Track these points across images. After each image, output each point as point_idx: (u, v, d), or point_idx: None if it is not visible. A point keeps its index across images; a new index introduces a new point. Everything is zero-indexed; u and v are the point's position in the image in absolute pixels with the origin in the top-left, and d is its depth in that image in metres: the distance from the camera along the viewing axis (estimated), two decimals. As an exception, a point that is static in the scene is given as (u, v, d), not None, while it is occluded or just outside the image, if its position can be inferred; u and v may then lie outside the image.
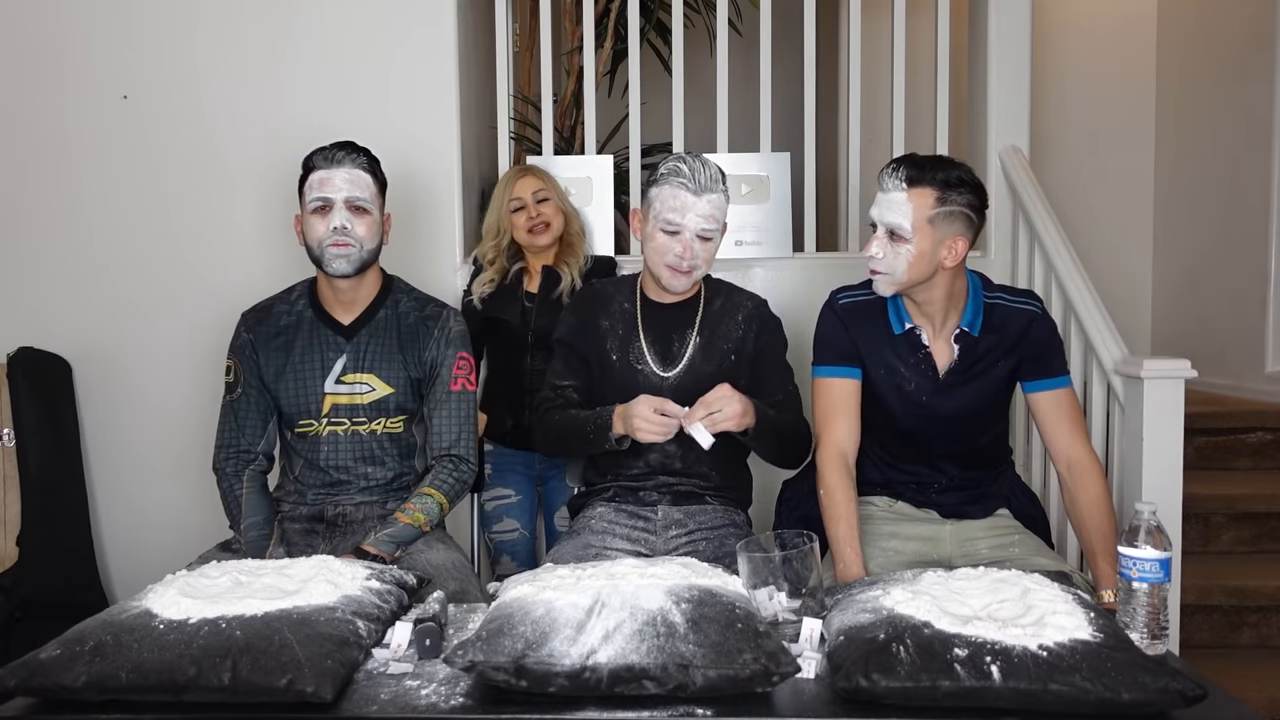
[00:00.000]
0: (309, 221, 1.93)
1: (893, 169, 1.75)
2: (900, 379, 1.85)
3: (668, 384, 1.93)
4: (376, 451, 1.99)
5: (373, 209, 1.95)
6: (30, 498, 2.71)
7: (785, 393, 1.96)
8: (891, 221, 1.73)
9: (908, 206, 1.72)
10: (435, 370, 2.01)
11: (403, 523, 1.86)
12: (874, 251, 1.76)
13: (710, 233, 1.87)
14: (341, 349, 1.98)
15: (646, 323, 1.96)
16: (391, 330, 2.00)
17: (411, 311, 2.03)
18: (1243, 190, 3.64)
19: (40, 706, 1.25)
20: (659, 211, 1.86)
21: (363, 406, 1.97)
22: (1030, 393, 1.87)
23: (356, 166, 1.93)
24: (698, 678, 1.18)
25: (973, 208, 1.75)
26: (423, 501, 1.90)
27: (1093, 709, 1.16)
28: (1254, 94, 3.56)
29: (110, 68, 2.87)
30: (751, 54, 3.08)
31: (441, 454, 1.98)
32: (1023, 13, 2.96)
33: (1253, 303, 3.55)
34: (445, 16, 2.88)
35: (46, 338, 2.86)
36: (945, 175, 1.73)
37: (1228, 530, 2.93)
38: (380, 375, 1.98)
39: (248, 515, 1.93)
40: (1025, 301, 1.87)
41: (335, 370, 1.97)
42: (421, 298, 2.07)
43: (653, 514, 1.97)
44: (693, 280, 1.91)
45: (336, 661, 1.25)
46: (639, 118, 3.05)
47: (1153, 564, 1.32)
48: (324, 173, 1.92)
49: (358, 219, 1.92)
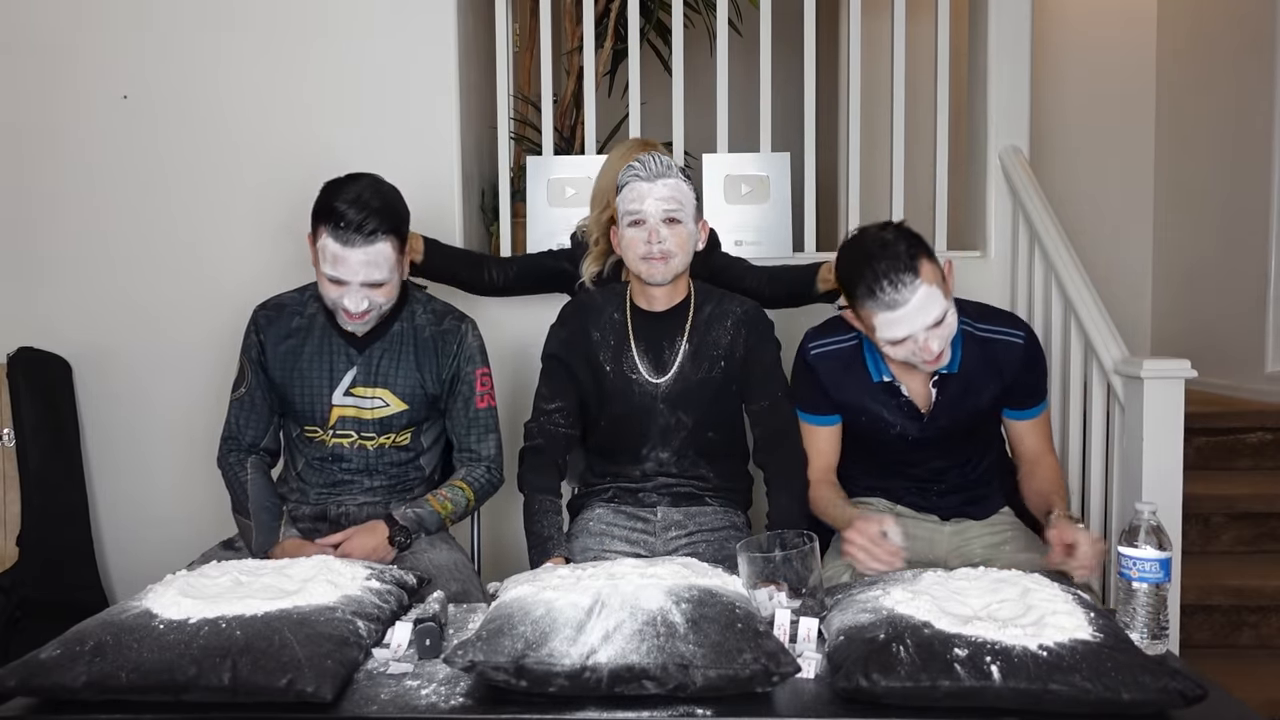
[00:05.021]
0: (322, 281, 1.83)
1: (886, 282, 1.63)
2: (884, 424, 1.85)
3: (661, 392, 1.93)
4: (381, 463, 1.98)
5: (392, 278, 1.83)
6: (30, 498, 2.71)
7: (772, 399, 1.93)
8: (933, 317, 1.65)
9: (932, 289, 1.65)
10: (455, 386, 1.98)
11: (431, 506, 1.89)
12: (937, 350, 1.68)
13: (674, 214, 1.85)
14: (353, 361, 1.93)
15: (637, 332, 1.96)
16: (408, 344, 1.95)
17: (428, 325, 1.97)
18: (1243, 190, 3.64)
19: (40, 706, 1.25)
20: (622, 209, 1.88)
21: (372, 421, 1.94)
22: (1010, 419, 1.90)
23: (376, 243, 1.77)
24: (698, 678, 1.18)
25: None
26: (453, 492, 1.93)
27: (1092, 709, 1.16)
28: (1254, 94, 3.56)
29: (112, 68, 2.87)
30: (751, 54, 3.08)
31: (475, 462, 2.00)
32: (1023, 13, 2.96)
33: (1252, 303, 3.55)
34: (445, 17, 2.88)
35: (46, 338, 2.86)
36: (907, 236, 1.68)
37: (1228, 530, 2.93)
38: (394, 390, 1.93)
39: (255, 499, 1.91)
40: (1008, 331, 1.82)
41: (344, 382, 1.93)
42: (439, 309, 2.00)
43: (652, 515, 1.97)
44: (671, 270, 1.87)
45: (336, 661, 1.25)
46: (639, 118, 3.05)
47: (1153, 564, 1.32)
48: (337, 248, 1.76)
49: (376, 292, 1.82)
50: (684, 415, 1.93)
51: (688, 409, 1.93)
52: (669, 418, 1.93)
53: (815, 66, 3.06)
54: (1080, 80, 4.38)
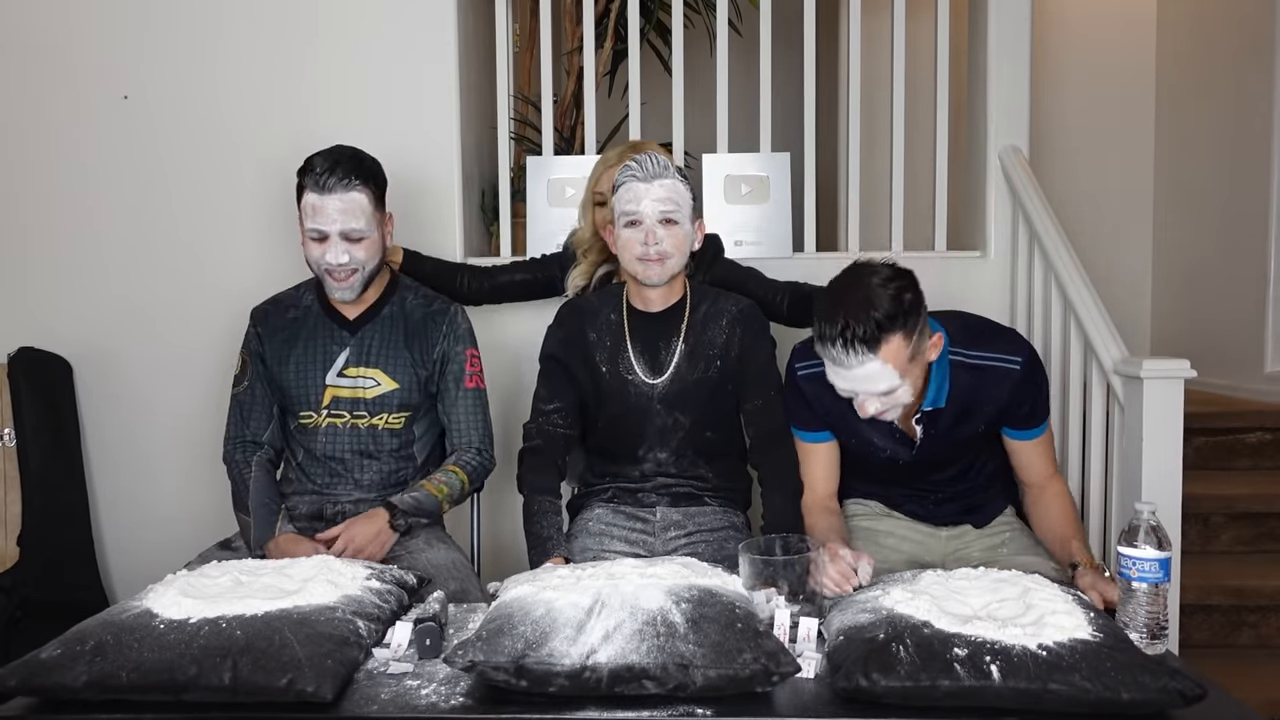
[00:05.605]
0: (307, 244, 1.93)
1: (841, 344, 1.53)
2: (875, 448, 1.81)
3: (657, 392, 1.93)
4: (373, 447, 2.00)
5: (371, 232, 1.92)
6: (30, 498, 2.71)
7: (766, 399, 1.92)
8: (879, 389, 1.58)
9: (886, 368, 1.55)
10: (444, 365, 2.03)
11: (428, 490, 1.93)
12: (871, 412, 1.62)
13: (670, 215, 1.84)
14: (345, 343, 2.00)
15: (633, 333, 1.95)
16: (398, 325, 2.02)
17: (418, 308, 2.04)
18: (1242, 190, 3.64)
19: (40, 706, 1.25)
20: (619, 209, 1.88)
21: (365, 401, 1.99)
22: (1009, 437, 1.83)
23: (350, 190, 1.87)
24: (698, 677, 1.19)
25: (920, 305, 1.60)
26: (446, 476, 1.97)
27: (1092, 709, 1.16)
28: (1253, 94, 3.56)
29: (112, 68, 2.86)
30: (751, 54, 3.08)
31: (465, 446, 2.04)
32: (1023, 13, 2.95)
33: (1252, 303, 3.55)
34: (446, 17, 2.88)
35: (47, 338, 2.86)
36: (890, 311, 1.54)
37: (1227, 530, 2.93)
38: (386, 370, 2.00)
39: (255, 495, 1.94)
40: (1003, 358, 1.72)
41: (338, 363, 1.99)
42: (428, 294, 2.09)
43: (651, 515, 1.97)
44: (667, 271, 1.87)
45: (337, 661, 1.25)
46: (639, 118, 3.05)
47: (1152, 564, 1.33)
48: (315, 198, 1.88)
49: (356, 246, 1.91)
50: (681, 415, 1.93)
51: (685, 409, 1.93)
52: (666, 418, 1.93)
53: (815, 66, 3.05)
54: (1080, 81, 4.38)
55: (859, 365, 1.55)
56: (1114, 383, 2.36)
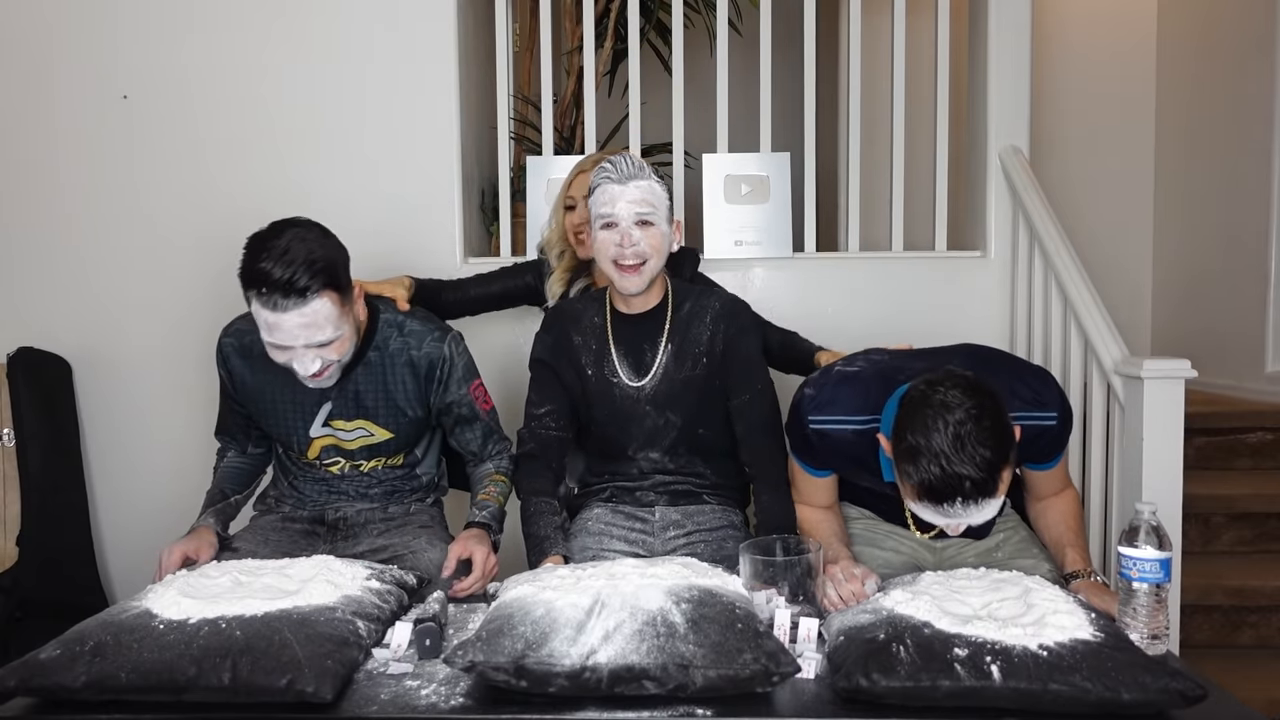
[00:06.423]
0: (268, 348, 1.67)
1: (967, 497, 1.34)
2: (888, 501, 1.75)
3: (644, 394, 1.92)
4: (374, 488, 1.97)
5: (341, 329, 1.66)
6: (30, 498, 2.71)
7: (752, 393, 1.91)
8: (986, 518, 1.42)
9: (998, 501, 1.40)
10: (449, 409, 1.92)
11: (494, 503, 1.90)
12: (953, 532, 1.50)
13: (646, 217, 1.83)
14: (326, 396, 1.82)
15: (617, 335, 1.95)
16: (384, 374, 1.85)
17: (404, 350, 1.84)
18: (1243, 190, 3.64)
19: (40, 706, 1.25)
20: (595, 211, 1.86)
21: (358, 450, 1.91)
22: (1028, 469, 1.78)
23: (310, 302, 1.58)
24: (698, 678, 1.18)
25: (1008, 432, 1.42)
26: (497, 486, 1.94)
27: (1093, 709, 1.16)
28: (1254, 93, 3.56)
29: (110, 68, 2.87)
30: (751, 54, 3.08)
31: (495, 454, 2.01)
32: (1023, 12, 2.95)
33: (1253, 303, 3.54)
34: (445, 16, 2.88)
35: (46, 338, 2.86)
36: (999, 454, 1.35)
37: (1228, 530, 2.93)
38: (376, 421, 1.87)
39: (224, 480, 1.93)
40: (1038, 415, 1.60)
41: (320, 416, 1.85)
42: (416, 331, 1.86)
43: (650, 515, 1.97)
44: (645, 278, 1.85)
45: (336, 661, 1.25)
46: (639, 118, 3.05)
47: (1153, 564, 1.32)
48: (269, 315, 1.59)
49: (327, 350, 1.67)
50: (672, 415, 1.93)
51: (675, 409, 1.92)
52: (656, 419, 1.93)
53: (815, 66, 3.05)
54: (1080, 80, 4.38)
55: (977, 514, 1.38)
56: (1114, 383, 2.36)
